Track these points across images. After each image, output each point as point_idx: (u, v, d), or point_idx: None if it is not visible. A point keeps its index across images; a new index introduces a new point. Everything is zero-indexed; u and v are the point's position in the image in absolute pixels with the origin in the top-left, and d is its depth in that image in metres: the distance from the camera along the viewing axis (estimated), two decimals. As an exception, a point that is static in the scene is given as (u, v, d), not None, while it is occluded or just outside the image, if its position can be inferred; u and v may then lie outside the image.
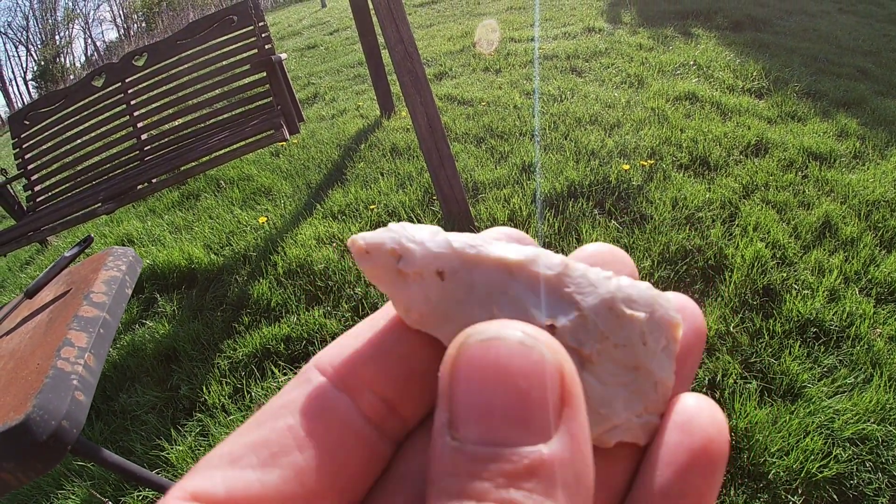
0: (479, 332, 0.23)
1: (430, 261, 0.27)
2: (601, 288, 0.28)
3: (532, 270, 0.28)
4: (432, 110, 3.09)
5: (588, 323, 0.27)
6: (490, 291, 0.27)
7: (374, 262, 0.28)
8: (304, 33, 11.30)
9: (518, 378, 0.22)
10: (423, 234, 0.28)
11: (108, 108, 4.09)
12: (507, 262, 0.27)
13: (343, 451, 0.25)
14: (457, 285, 0.27)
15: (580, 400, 0.23)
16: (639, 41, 6.58)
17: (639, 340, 0.27)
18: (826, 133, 4.30)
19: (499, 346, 0.22)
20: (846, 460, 2.00)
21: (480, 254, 0.28)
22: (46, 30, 40.99)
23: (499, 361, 0.22)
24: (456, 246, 0.28)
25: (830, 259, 2.95)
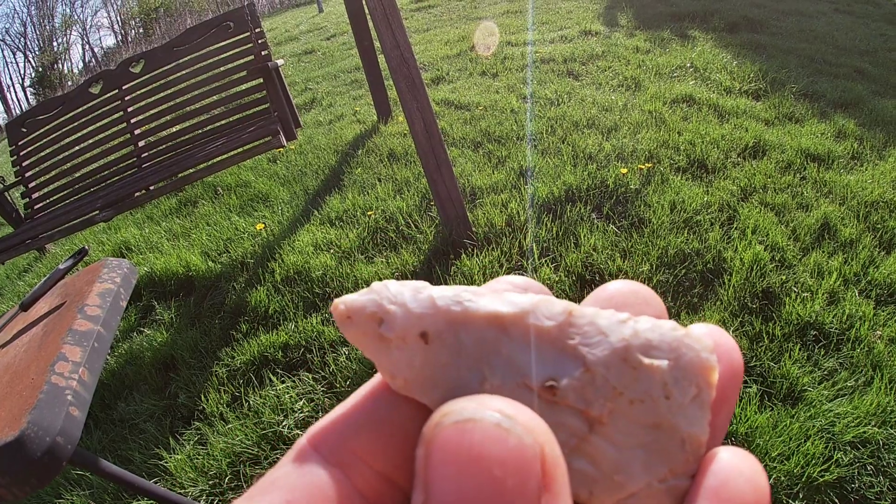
0: (453, 412, 0.22)
1: (412, 323, 0.26)
2: (613, 336, 0.25)
3: (528, 324, 0.26)
4: (429, 115, 3.09)
5: (597, 379, 0.25)
6: (480, 352, 0.26)
7: (356, 327, 0.26)
8: (301, 38, 11.31)
9: (493, 466, 0.20)
10: (405, 293, 0.27)
11: (105, 114, 4.08)
12: (500, 317, 0.26)
13: None
14: (442, 348, 0.26)
15: (563, 485, 0.22)
16: (635, 44, 6.58)
17: (660, 393, 0.25)
18: (824, 134, 4.30)
19: (473, 430, 0.21)
20: (847, 464, 2.00)
21: (468, 310, 0.26)
22: (44, 36, 41.01)
23: (472, 447, 0.21)
24: (440, 304, 0.26)
25: (830, 261, 2.94)
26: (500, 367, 0.25)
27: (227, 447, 2.40)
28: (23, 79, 41.85)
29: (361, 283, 3.17)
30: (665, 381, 0.25)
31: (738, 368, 0.28)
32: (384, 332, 0.26)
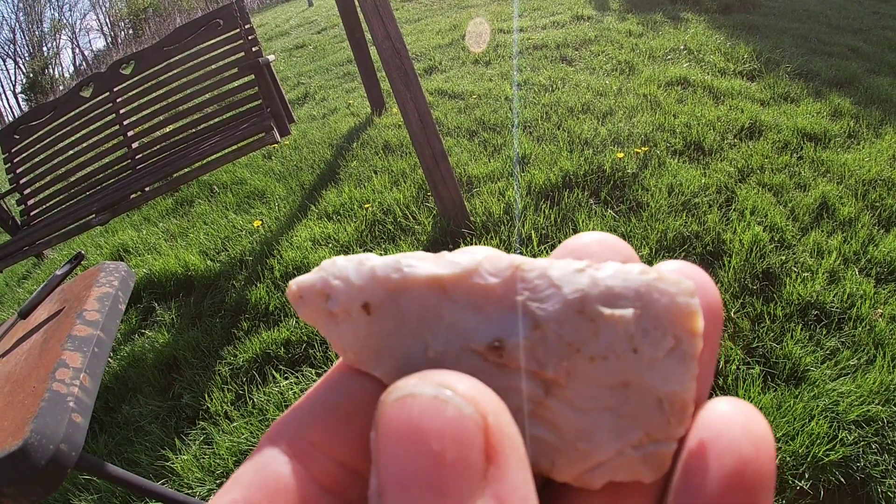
0: (395, 389, 0.21)
1: (354, 295, 0.25)
2: (567, 287, 0.23)
3: (471, 283, 0.24)
4: (423, 106, 3.08)
5: (549, 336, 0.23)
6: (422, 319, 0.24)
7: (307, 306, 0.26)
8: (291, 33, 11.28)
9: (431, 439, 0.19)
10: (348, 267, 0.26)
11: (97, 117, 4.06)
12: (440, 280, 0.24)
13: None
14: (384, 317, 0.25)
15: (511, 456, 0.20)
16: (628, 27, 6.56)
17: (626, 348, 0.23)
18: (820, 113, 4.29)
19: (411, 405, 0.20)
20: (852, 443, 2.00)
21: (407, 277, 0.25)
22: (34, 41, 40.88)
23: (411, 422, 0.20)
24: (380, 274, 0.25)
25: (829, 240, 2.94)
26: (443, 332, 0.24)
27: (233, 446, 2.40)
28: (14, 85, 41.78)
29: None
30: (631, 334, 0.23)
31: (716, 308, 0.26)
32: (330, 306, 0.25)
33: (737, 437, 0.22)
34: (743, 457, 0.22)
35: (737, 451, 0.22)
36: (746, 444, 0.22)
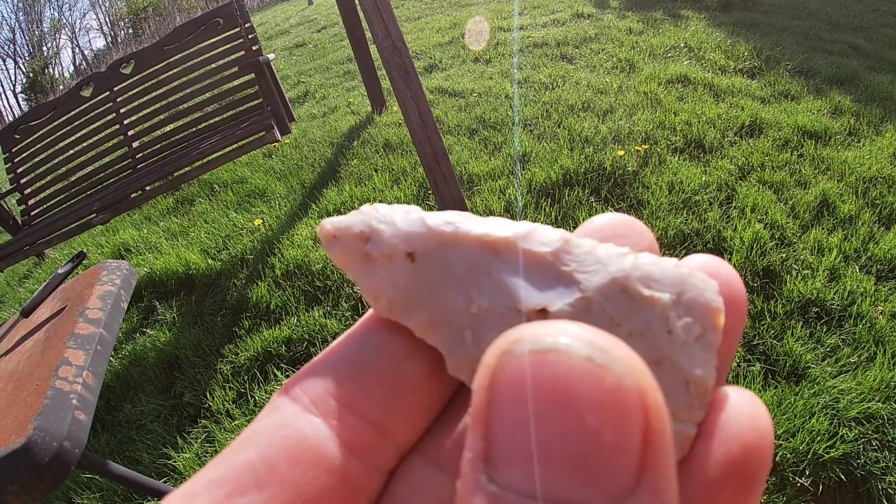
0: (528, 338, 0.18)
1: (399, 241, 0.25)
2: (612, 266, 0.23)
3: (522, 248, 0.24)
4: (423, 104, 3.08)
5: (593, 307, 0.23)
6: (470, 274, 0.24)
7: (342, 247, 0.25)
8: (291, 32, 11.27)
9: (586, 411, 0.16)
10: (395, 213, 0.25)
11: (97, 117, 4.06)
12: (492, 241, 0.24)
13: (312, 488, 0.21)
14: (429, 267, 0.24)
15: (669, 444, 0.17)
16: (628, 25, 6.56)
17: (662, 328, 0.22)
18: (820, 111, 4.29)
19: (558, 363, 0.17)
20: (852, 440, 2.00)
21: (459, 232, 0.25)
22: (33, 41, 40.86)
23: (558, 385, 0.16)
24: (430, 223, 0.25)
25: (829, 238, 2.94)
26: (490, 289, 0.24)
27: (234, 444, 2.40)
28: (14, 85, 41.76)
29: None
30: (667, 315, 0.23)
31: (740, 303, 0.26)
32: (370, 249, 0.25)
33: (742, 425, 0.22)
34: (746, 445, 0.21)
35: (741, 439, 0.22)
36: (751, 433, 0.22)
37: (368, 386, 0.23)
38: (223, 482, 0.21)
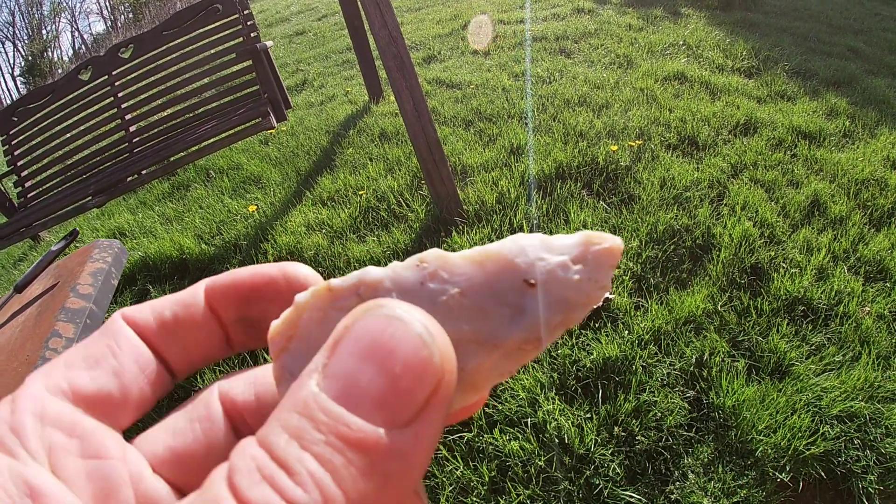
0: (388, 305, 0.24)
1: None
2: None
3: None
4: (418, 94, 3.09)
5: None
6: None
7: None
8: (292, 20, 11.25)
9: (397, 363, 0.22)
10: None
11: (95, 101, 4.07)
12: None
13: (140, 364, 0.30)
14: None
15: (443, 408, 0.23)
16: (628, 21, 6.57)
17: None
18: (816, 112, 4.31)
19: (398, 327, 0.23)
20: (834, 438, 2.02)
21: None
22: (33, 24, 40.64)
23: (390, 341, 0.23)
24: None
25: (819, 237, 2.96)
26: None
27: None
28: (12, 68, 41.54)
29: (353, 262, 3.19)
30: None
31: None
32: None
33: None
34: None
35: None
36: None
37: (171, 333, 0.32)
38: (92, 355, 0.30)
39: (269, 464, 0.20)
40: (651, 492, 1.95)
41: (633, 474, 2.00)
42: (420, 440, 0.22)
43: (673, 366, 2.32)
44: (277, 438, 0.21)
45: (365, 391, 0.22)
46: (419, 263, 0.27)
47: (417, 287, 0.27)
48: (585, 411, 2.19)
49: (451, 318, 0.26)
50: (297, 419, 0.21)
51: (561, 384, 2.29)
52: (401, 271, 0.27)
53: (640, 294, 2.70)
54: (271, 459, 0.21)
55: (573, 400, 2.24)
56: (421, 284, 0.27)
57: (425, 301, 0.26)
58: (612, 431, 2.10)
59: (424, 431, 0.22)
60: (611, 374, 2.29)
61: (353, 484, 0.21)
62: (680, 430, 2.10)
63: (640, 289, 2.73)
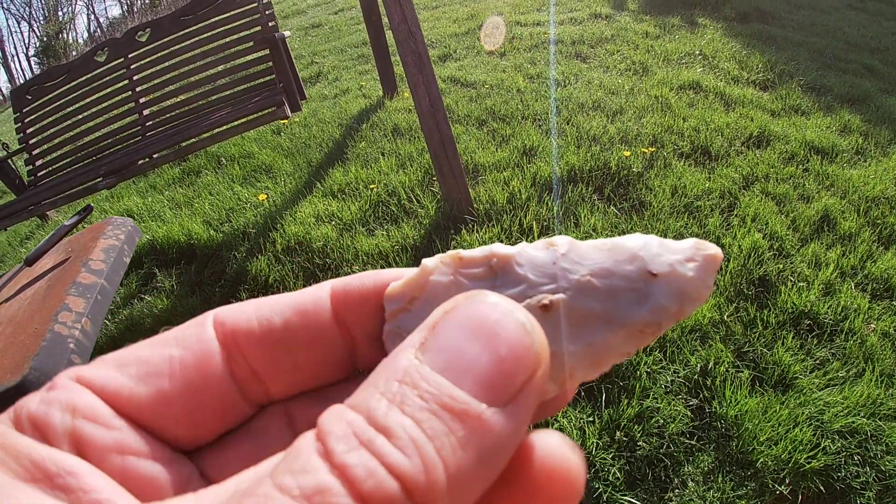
0: (492, 297, 0.25)
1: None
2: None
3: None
4: (434, 91, 3.09)
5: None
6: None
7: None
8: (308, 12, 11.26)
9: (502, 346, 0.23)
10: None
11: (110, 83, 4.07)
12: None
13: (203, 394, 0.27)
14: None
15: (536, 395, 0.24)
16: (645, 28, 6.56)
17: None
18: (829, 128, 4.30)
19: (502, 314, 0.24)
20: (834, 452, 2.02)
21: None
22: (49, 5, 40.76)
23: (496, 325, 0.23)
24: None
25: (828, 253, 2.96)
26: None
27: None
28: (27, 48, 41.68)
29: (362, 255, 3.19)
30: None
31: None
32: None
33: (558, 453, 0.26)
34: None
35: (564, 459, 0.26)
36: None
37: (267, 348, 0.29)
38: (148, 363, 0.27)
39: (367, 429, 0.20)
40: (650, 498, 1.95)
41: (632, 480, 2.00)
42: (515, 422, 0.22)
43: (677, 373, 2.32)
44: (377, 404, 0.21)
45: (469, 367, 0.22)
46: (549, 245, 0.29)
47: (550, 265, 0.29)
48: (588, 414, 2.19)
49: (583, 296, 0.28)
50: (396, 386, 0.22)
51: (564, 386, 2.29)
52: (531, 250, 0.29)
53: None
54: (369, 424, 0.20)
55: (576, 402, 2.24)
56: (553, 263, 0.29)
57: (559, 278, 0.28)
58: (614, 436, 2.10)
59: (519, 415, 0.23)
60: (615, 379, 2.29)
61: (453, 454, 0.21)
62: (681, 438, 2.10)
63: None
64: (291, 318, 0.29)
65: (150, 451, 0.26)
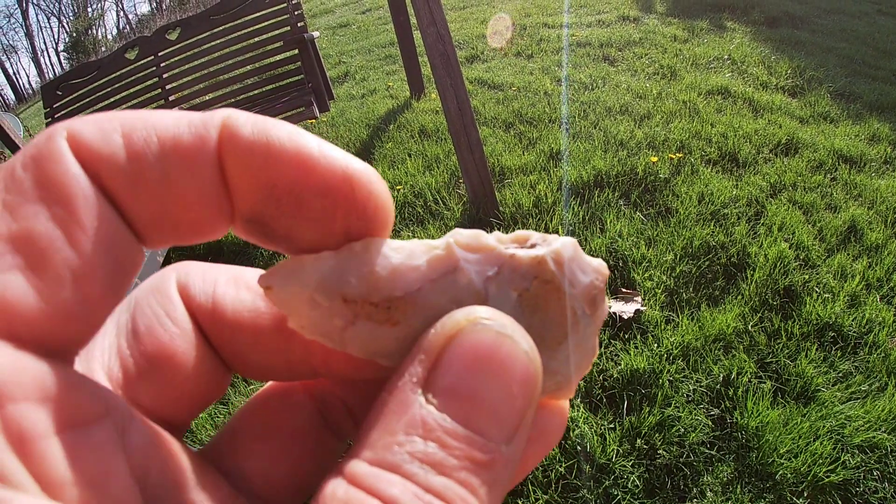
0: (495, 319, 0.24)
1: None
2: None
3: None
4: (462, 94, 3.11)
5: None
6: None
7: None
8: (336, 11, 11.29)
9: (514, 383, 0.24)
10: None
11: (140, 80, 4.13)
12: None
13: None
14: None
15: (534, 411, 0.25)
16: (673, 32, 6.53)
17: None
18: (858, 136, 4.26)
19: (510, 347, 0.24)
20: (854, 467, 2.01)
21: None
22: (79, 2, 41.12)
23: (505, 361, 0.24)
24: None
25: (854, 264, 2.94)
26: None
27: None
28: (56, 43, 42.05)
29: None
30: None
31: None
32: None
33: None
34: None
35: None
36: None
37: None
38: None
39: (423, 494, 0.21)
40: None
41: (652, 488, 2.01)
42: (521, 447, 0.24)
43: (699, 382, 2.32)
44: (414, 468, 0.21)
45: (488, 412, 0.23)
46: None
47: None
48: (609, 421, 2.19)
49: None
50: (422, 444, 0.22)
51: (587, 392, 2.30)
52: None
53: (672, 308, 2.70)
54: (425, 491, 0.21)
55: (598, 409, 2.25)
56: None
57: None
58: (635, 443, 2.10)
59: (523, 439, 0.24)
60: (637, 386, 2.29)
61: (488, 499, 0.22)
62: (702, 448, 2.10)
63: (672, 303, 2.73)
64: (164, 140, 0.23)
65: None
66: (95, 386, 0.23)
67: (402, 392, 0.23)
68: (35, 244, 0.20)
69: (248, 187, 0.24)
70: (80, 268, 0.20)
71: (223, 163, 0.23)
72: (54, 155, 0.21)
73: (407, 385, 0.23)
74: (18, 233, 0.20)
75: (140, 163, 0.22)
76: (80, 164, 0.21)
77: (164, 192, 0.23)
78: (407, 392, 0.23)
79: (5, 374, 0.18)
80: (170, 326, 0.28)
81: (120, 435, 0.22)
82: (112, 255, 0.22)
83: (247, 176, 0.24)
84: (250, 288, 0.30)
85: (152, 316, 0.28)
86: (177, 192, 0.23)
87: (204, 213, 0.24)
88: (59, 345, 0.21)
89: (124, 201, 0.22)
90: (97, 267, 0.21)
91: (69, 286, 0.20)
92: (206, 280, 0.30)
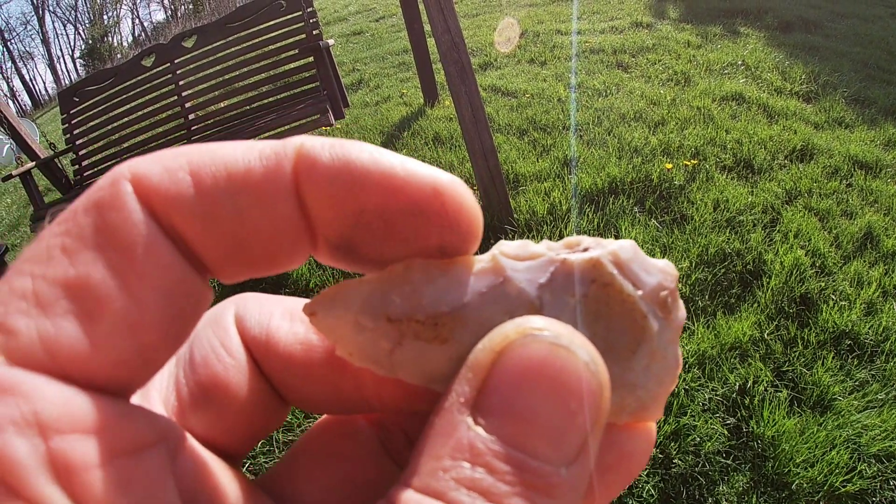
0: (549, 329, 0.22)
1: None
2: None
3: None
4: (477, 101, 3.11)
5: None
6: None
7: None
8: (349, 19, 11.33)
9: (572, 398, 0.21)
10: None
11: (156, 87, 4.16)
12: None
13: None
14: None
15: (601, 434, 0.23)
16: (686, 38, 6.51)
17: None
18: (873, 141, 4.24)
19: (566, 359, 0.22)
20: (871, 476, 2.00)
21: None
22: (95, 9, 41.50)
23: (561, 374, 0.21)
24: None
25: (870, 271, 2.92)
26: None
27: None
28: (73, 50, 42.46)
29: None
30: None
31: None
32: None
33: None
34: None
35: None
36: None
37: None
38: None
39: None
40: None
41: (667, 497, 2.00)
42: (587, 469, 0.22)
43: (715, 391, 2.31)
44: (461, 496, 0.20)
45: (541, 432, 0.21)
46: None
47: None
48: (624, 430, 2.18)
49: None
50: (469, 470, 0.20)
51: (601, 401, 2.30)
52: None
53: (688, 316, 2.69)
54: None
55: (612, 417, 2.24)
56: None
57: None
58: (650, 452, 2.09)
59: (589, 460, 0.22)
60: (652, 395, 2.28)
61: None
62: (717, 457, 2.09)
63: (688, 311, 2.72)
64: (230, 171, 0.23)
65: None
66: (149, 414, 0.23)
67: (448, 413, 0.22)
68: (91, 292, 0.20)
69: (333, 216, 0.24)
70: (136, 316, 0.20)
71: (302, 193, 0.23)
72: (116, 201, 0.21)
73: (454, 406, 0.22)
74: (76, 279, 0.20)
75: (210, 200, 0.22)
76: (145, 206, 0.21)
77: (238, 228, 0.23)
78: (454, 413, 0.22)
79: (53, 407, 0.18)
80: (224, 357, 0.28)
81: (171, 460, 0.23)
82: (172, 302, 0.22)
83: (332, 204, 0.23)
84: (304, 320, 0.29)
85: (208, 347, 0.28)
86: (251, 226, 0.23)
87: (281, 246, 0.24)
88: (114, 388, 0.21)
89: (195, 240, 0.22)
90: (154, 315, 0.21)
91: (123, 334, 0.20)
92: (263, 312, 0.30)
